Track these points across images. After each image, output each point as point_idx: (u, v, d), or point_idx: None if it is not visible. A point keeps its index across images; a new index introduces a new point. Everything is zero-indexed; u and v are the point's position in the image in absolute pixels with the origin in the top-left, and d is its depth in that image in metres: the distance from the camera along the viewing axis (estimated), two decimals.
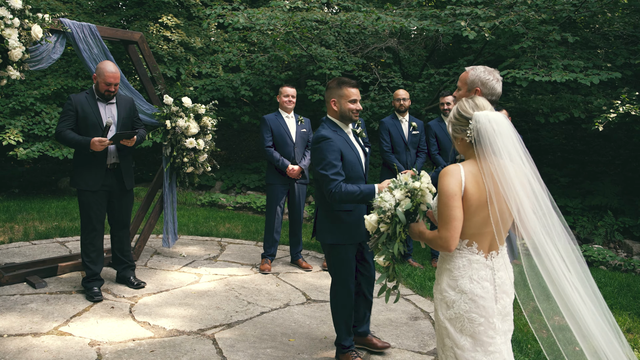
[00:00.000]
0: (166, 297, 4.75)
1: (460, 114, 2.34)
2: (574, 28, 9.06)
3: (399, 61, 10.95)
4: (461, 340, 2.34)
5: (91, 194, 4.56)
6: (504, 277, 2.36)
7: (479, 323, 2.31)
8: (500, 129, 2.24)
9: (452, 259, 2.39)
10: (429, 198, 2.56)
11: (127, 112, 4.73)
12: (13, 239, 6.42)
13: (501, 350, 2.33)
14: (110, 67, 4.52)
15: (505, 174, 2.22)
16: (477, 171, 2.30)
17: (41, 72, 9.58)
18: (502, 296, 2.35)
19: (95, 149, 4.38)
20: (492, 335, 2.32)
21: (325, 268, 5.83)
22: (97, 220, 4.63)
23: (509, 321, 2.39)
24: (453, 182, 2.28)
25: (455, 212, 2.27)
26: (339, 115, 3.55)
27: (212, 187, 10.86)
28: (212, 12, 9.03)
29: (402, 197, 2.54)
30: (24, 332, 3.83)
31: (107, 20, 10.32)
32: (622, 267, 6.62)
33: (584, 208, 8.42)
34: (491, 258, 2.36)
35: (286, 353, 3.76)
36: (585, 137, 10.39)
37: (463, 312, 2.33)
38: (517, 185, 2.21)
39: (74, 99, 4.51)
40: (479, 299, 2.31)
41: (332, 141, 3.41)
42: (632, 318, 4.72)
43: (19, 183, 10.57)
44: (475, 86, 2.86)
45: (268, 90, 10.43)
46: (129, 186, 4.78)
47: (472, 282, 2.32)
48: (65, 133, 4.43)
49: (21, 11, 4.18)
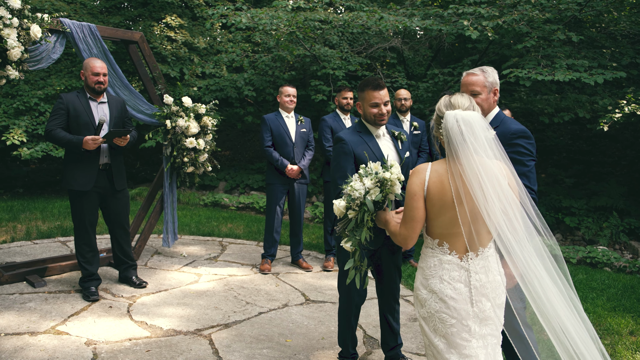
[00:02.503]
0: (165, 296, 4.74)
1: (436, 112, 2.33)
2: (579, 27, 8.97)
3: (403, 61, 10.91)
4: (435, 340, 2.32)
5: (83, 195, 4.52)
6: (484, 280, 2.27)
7: (450, 324, 2.27)
8: (469, 129, 2.19)
9: (425, 258, 2.39)
10: (398, 188, 2.59)
11: (118, 112, 4.71)
12: (15, 238, 6.44)
13: (477, 355, 2.26)
14: (95, 60, 4.54)
15: (473, 174, 2.18)
16: (444, 171, 2.27)
17: (45, 72, 9.63)
18: (479, 299, 2.26)
19: (88, 147, 4.35)
20: (466, 337, 2.26)
21: (326, 269, 5.80)
22: (89, 221, 4.60)
23: (489, 325, 2.29)
24: (416, 181, 2.29)
25: (414, 212, 2.29)
26: (365, 118, 3.35)
27: (215, 187, 10.86)
28: (215, 12, 9.03)
29: (372, 186, 2.56)
30: (21, 331, 3.83)
31: (111, 21, 10.36)
32: (627, 268, 6.54)
33: (589, 209, 8.34)
34: (467, 259, 2.28)
35: (282, 354, 3.73)
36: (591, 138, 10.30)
37: (434, 312, 2.30)
38: (487, 186, 2.16)
39: (65, 98, 4.48)
40: (449, 300, 2.27)
41: (344, 143, 3.25)
42: (636, 320, 4.66)
43: (24, 183, 10.63)
44: (494, 87, 2.85)
45: (271, 91, 10.42)
46: (119, 187, 4.72)
47: (442, 283, 2.29)
48: (56, 132, 4.37)
49: (20, 11, 4.19)
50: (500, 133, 2.73)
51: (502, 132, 2.77)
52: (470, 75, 2.90)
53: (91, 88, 4.52)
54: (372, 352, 3.87)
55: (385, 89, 3.27)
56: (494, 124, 2.83)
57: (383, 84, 3.27)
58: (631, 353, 3.94)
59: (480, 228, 2.25)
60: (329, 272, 5.74)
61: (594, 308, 4.92)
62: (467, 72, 2.97)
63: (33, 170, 11.20)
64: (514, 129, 2.75)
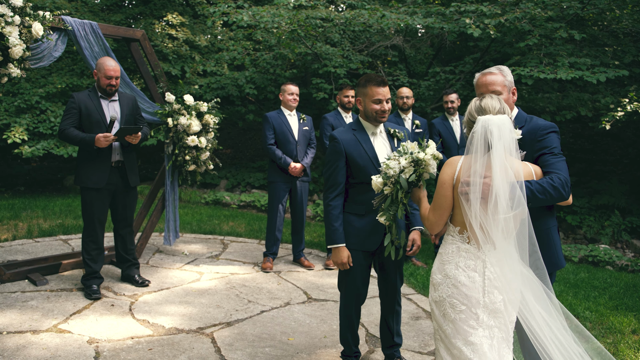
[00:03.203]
0: (167, 295, 4.74)
1: (467, 116, 2.45)
2: (582, 25, 8.94)
3: (405, 59, 10.89)
4: (444, 324, 2.44)
5: (95, 192, 4.56)
6: (498, 272, 2.35)
7: (460, 310, 2.37)
8: (497, 135, 2.29)
9: (445, 244, 2.51)
10: (433, 168, 2.74)
11: (129, 109, 4.74)
12: (17, 237, 6.44)
13: (482, 344, 2.34)
14: (109, 62, 4.55)
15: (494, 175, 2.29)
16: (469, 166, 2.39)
17: (46, 70, 9.62)
18: (492, 290, 2.35)
19: (100, 145, 4.39)
20: (473, 325, 2.36)
21: (328, 267, 5.80)
22: (99, 218, 4.63)
23: (498, 318, 2.36)
24: (447, 171, 2.44)
25: (441, 200, 2.44)
26: (364, 114, 3.31)
27: (217, 185, 10.86)
28: (217, 10, 9.01)
29: (407, 165, 2.69)
30: (23, 330, 3.83)
31: (112, 19, 10.35)
32: (628, 267, 6.53)
33: (591, 207, 8.32)
34: (485, 251, 2.37)
35: (285, 352, 3.73)
36: (593, 136, 10.27)
37: (446, 296, 2.41)
38: (500, 189, 2.26)
39: (77, 97, 4.53)
40: (461, 286, 2.37)
41: (336, 142, 3.23)
42: (638, 319, 4.65)
43: (25, 181, 10.63)
44: (512, 87, 2.83)
45: (273, 89, 10.41)
46: (134, 183, 4.77)
47: (457, 269, 2.40)
48: (69, 131, 4.44)
49: (22, 9, 4.18)
50: (531, 130, 2.73)
51: (532, 129, 2.74)
52: (489, 75, 2.82)
53: (103, 89, 4.57)
54: (374, 351, 3.86)
55: (387, 87, 3.26)
56: (519, 124, 2.79)
57: (386, 81, 3.25)
58: (634, 352, 3.93)
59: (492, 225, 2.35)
60: (331, 270, 5.74)
61: (596, 307, 4.91)
62: (482, 72, 2.88)
63: (34, 169, 11.20)
64: (543, 125, 2.73)
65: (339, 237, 3.22)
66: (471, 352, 2.34)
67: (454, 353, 2.40)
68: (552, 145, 2.66)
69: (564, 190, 2.48)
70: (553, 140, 2.68)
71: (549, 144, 2.65)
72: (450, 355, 2.42)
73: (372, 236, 3.25)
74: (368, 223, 3.23)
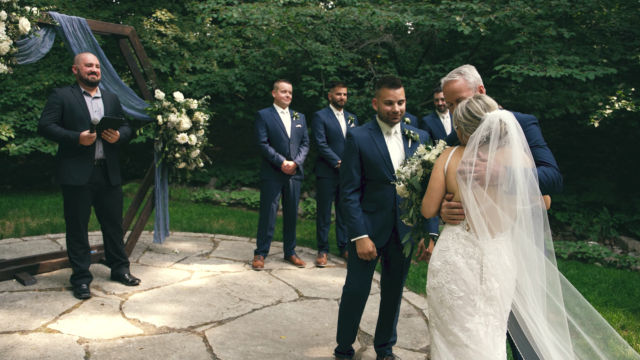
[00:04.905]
0: (157, 293, 4.70)
1: (473, 115, 2.47)
2: (570, 24, 9.00)
3: (395, 57, 10.90)
4: (440, 311, 2.49)
5: (77, 190, 4.47)
6: (494, 261, 2.41)
7: (458, 296, 2.43)
8: (510, 126, 2.40)
9: (445, 232, 2.58)
10: None
11: (112, 107, 4.68)
12: (4, 236, 6.35)
13: (478, 330, 2.40)
14: (85, 53, 4.54)
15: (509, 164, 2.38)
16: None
17: (33, 67, 9.49)
18: (489, 278, 2.41)
19: (84, 143, 4.32)
20: (470, 312, 2.42)
21: (319, 265, 5.79)
22: (82, 217, 4.56)
23: (494, 306, 2.43)
24: (441, 157, 2.59)
25: (432, 182, 2.58)
26: (379, 115, 3.39)
27: (206, 183, 10.80)
28: (206, 7, 8.95)
29: (418, 167, 2.79)
30: (11, 330, 3.78)
31: (100, 15, 10.23)
32: (617, 263, 6.60)
33: (580, 204, 8.40)
34: (483, 239, 2.43)
35: (277, 350, 3.71)
36: (581, 134, 10.36)
37: (444, 282, 2.47)
38: (520, 179, 2.35)
39: (59, 92, 4.43)
40: (460, 272, 2.44)
41: (352, 139, 3.34)
42: (627, 315, 4.70)
43: (12, 179, 10.49)
44: (478, 84, 2.82)
45: (263, 86, 10.36)
46: (115, 182, 4.68)
47: (456, 255, 2.47)
48: (51, 127, 4.32)
49: (8, 4, 4.12)
50: None
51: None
52: (451, 84, 2.81)
53: (85, 80, 4.47)
54: (366, 349, 3.86)
55: (401, 88, 3.30)
56: None
57: (399, 83, 3.30)
58: (623, 347, 3.96)
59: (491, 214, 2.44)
60: (322, 268, 5.73)
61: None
62: (445, 79, 2.86)
63: (21, 167, 11.05)
64: (523, 118, 2.75)
65: (361, 228, 3.28)
66: (467, 338, 2.40)
67: (450, 339, 2.45)
68: (536, 138, 2.70)
69: (558, 185, 2.56)
70: (535, 132, 2.72)
71: (533, 136, 2.68)
72: (445, 343, 2.48)
73: (381, 234, 3.33)
74: (377, 221, 3.32)
